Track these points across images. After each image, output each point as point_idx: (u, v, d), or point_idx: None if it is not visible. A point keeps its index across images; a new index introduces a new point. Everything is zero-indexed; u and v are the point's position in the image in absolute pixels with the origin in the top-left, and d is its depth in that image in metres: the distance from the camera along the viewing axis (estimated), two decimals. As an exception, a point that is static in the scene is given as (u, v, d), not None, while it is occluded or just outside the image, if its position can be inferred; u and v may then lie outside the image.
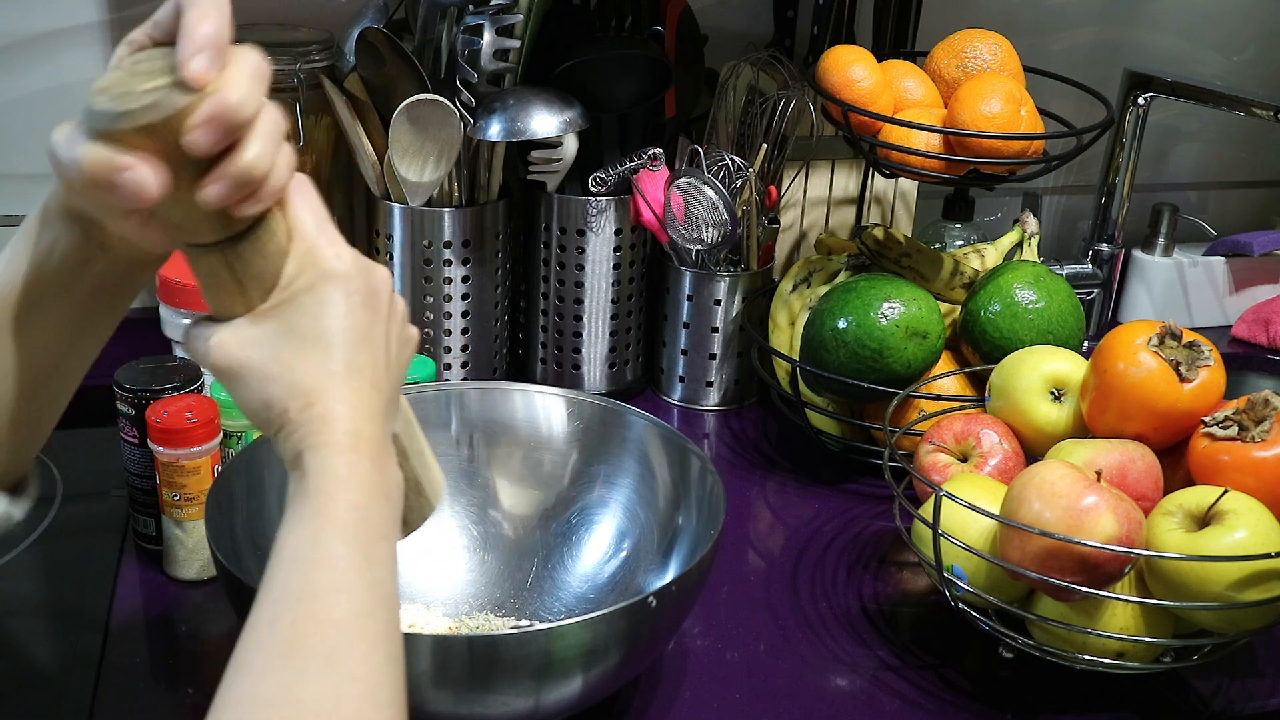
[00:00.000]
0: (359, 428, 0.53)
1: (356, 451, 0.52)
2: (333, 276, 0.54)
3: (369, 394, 0.54)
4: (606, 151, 1.15)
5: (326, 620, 0.48)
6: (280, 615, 0.48)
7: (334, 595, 0.48)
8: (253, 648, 0.47)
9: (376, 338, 0.55)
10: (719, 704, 0.82)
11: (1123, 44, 1.43)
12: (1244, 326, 1.42)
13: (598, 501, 0.91)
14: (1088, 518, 0.76)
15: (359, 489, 0.51)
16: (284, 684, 0.46)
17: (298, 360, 0.53)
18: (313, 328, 0.53)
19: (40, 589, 0.91)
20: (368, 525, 0.51)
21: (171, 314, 0.96)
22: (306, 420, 0.52)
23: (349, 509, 0.51)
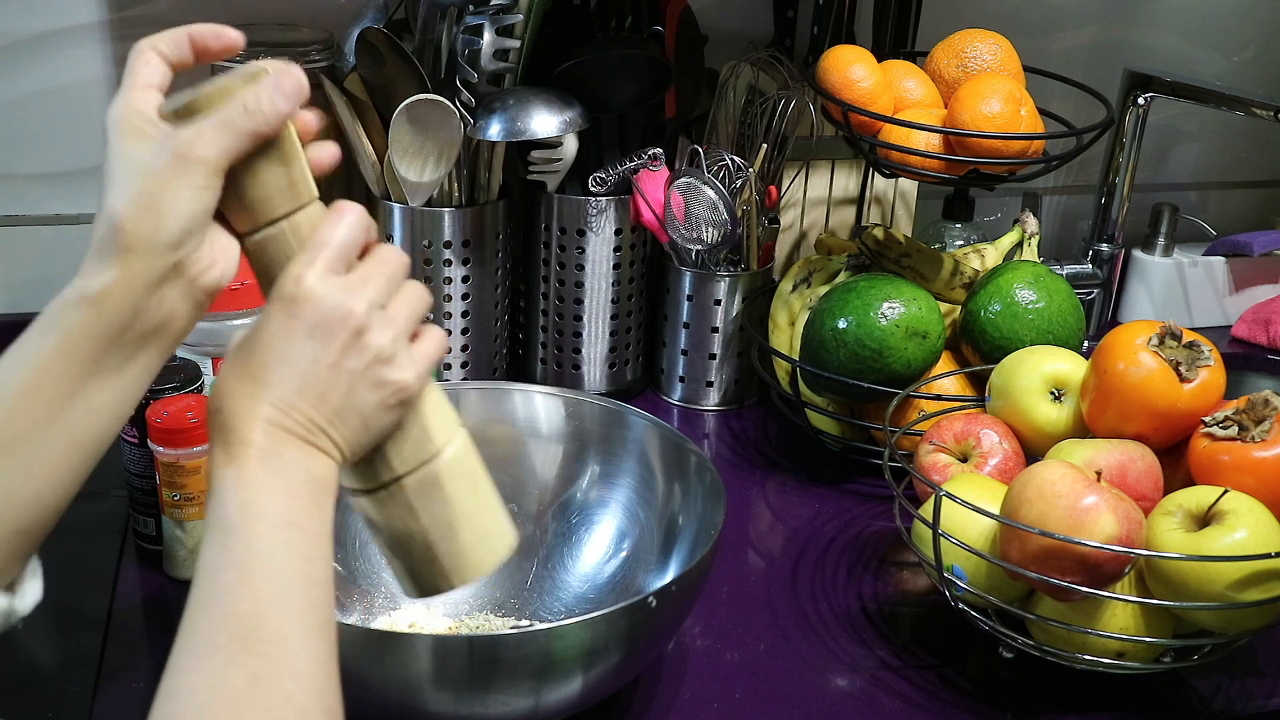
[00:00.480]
0: (255, 439, 0.54)
1: (247, 461, 0.53)
2: (280, 296, 0.55)
3: (276, 415, 0.54)
4: (606, 151, 1.15)
5: (236, 611, 0.51)
6: (197, 618, 0.51)
7: (240, 588, 0.51)
8: (181, 649, 0.51)
9: (312, 365, 0.55)
10: (719, 704, 0.82)
11: (1123, 44, 1.43)
12: (1244, 326, 1.42)
13: (598, 501, 0.91)
14: (1088, 518, 0.76)
15: (250, 489, 0.53)
16: (207, 671, 0.50)
17: (227, 367, 0.56)
18: (249, 339, 0.55)
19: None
20: (261, 518, 0.53)
21: (171, 314, 0.96)
22: (216, 424, 0.54)
23: (237, 508, 0.53)
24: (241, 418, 0.54)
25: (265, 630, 0.50)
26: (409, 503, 0.59)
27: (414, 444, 0.59)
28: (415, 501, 0.59)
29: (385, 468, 0.59)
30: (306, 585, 0.53)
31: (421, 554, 0.60)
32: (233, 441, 0.53)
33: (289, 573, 0.52)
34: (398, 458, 0.59)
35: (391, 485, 0.59)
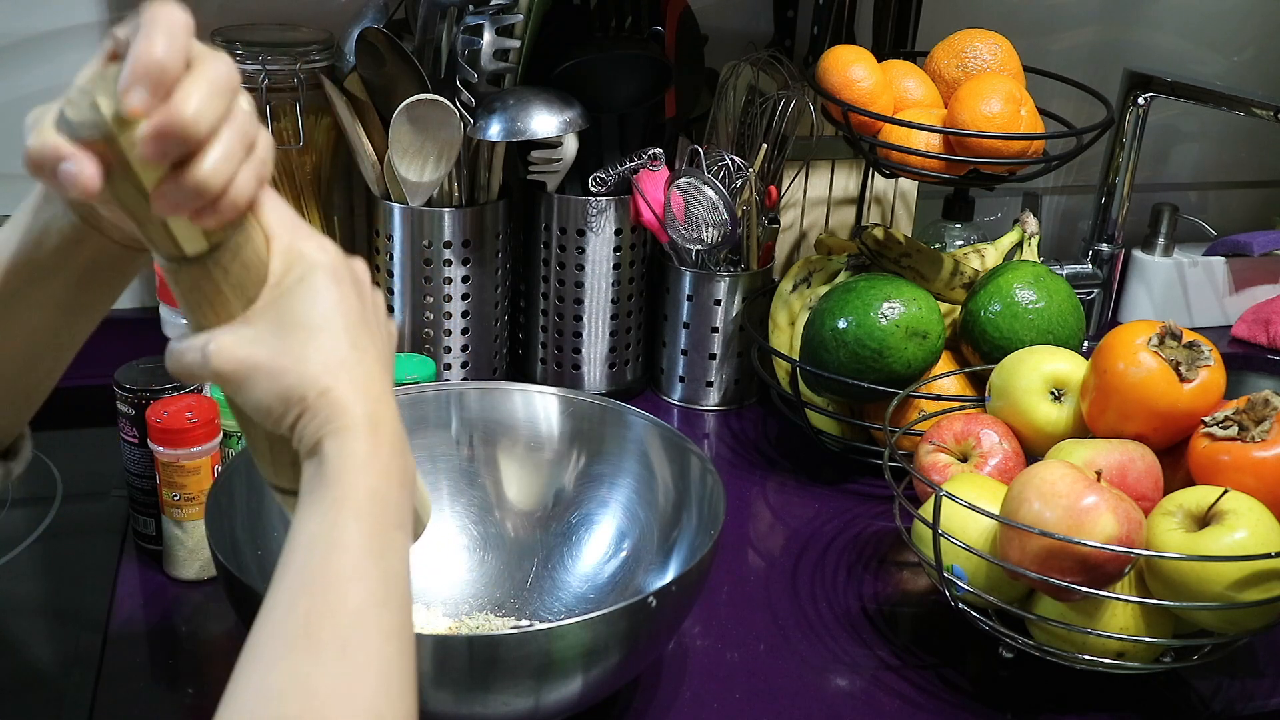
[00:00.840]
0: (375, 411, 0.53)
1: (375, 436, 0.52)
2: (321, 266, 0.54)
3: (379, 375, 0.55)
4: (606, 151, 1.15)
5: (341, 609, 0.48)
6: (295, 603, 0.48)
7: (350, 584, 0.48)
8: (266, 635, 0.47)
9: (370, 322, 0.56)
10: (719, 704, 0.82)
11: (1123, 44, 1.43)
12: (1244, 326, 1.42)
13: (598, 501, 0.91)
14: (1088, 518, 0.76)
15: (378, 474, 0.52)
16: (297, 673, 0.46)
17: (305, 349, 0.53)
18: (312, 317, 0.53)
19: (40, 589, 0.91)
20: (385, 513, 0.51)
21: (172, 314, 0.96)
22: (324, 406, 0.52)
23: (368, 496, 0.51)
24: (359, 385, 0.53)
25: (371, 631, 0.48)
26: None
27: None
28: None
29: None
30: (407, 590, 0.52)
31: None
32: (356, 415, 0.52)
33: (399, 577, 0.51)
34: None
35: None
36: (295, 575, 0.49)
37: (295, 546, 0.50)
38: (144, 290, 1.20)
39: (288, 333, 0.53)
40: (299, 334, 0.53)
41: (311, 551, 0.49)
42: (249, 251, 0.53)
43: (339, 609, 0.48)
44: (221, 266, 0.53)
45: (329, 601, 0.48)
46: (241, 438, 0.90)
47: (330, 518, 0.50)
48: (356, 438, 0.52)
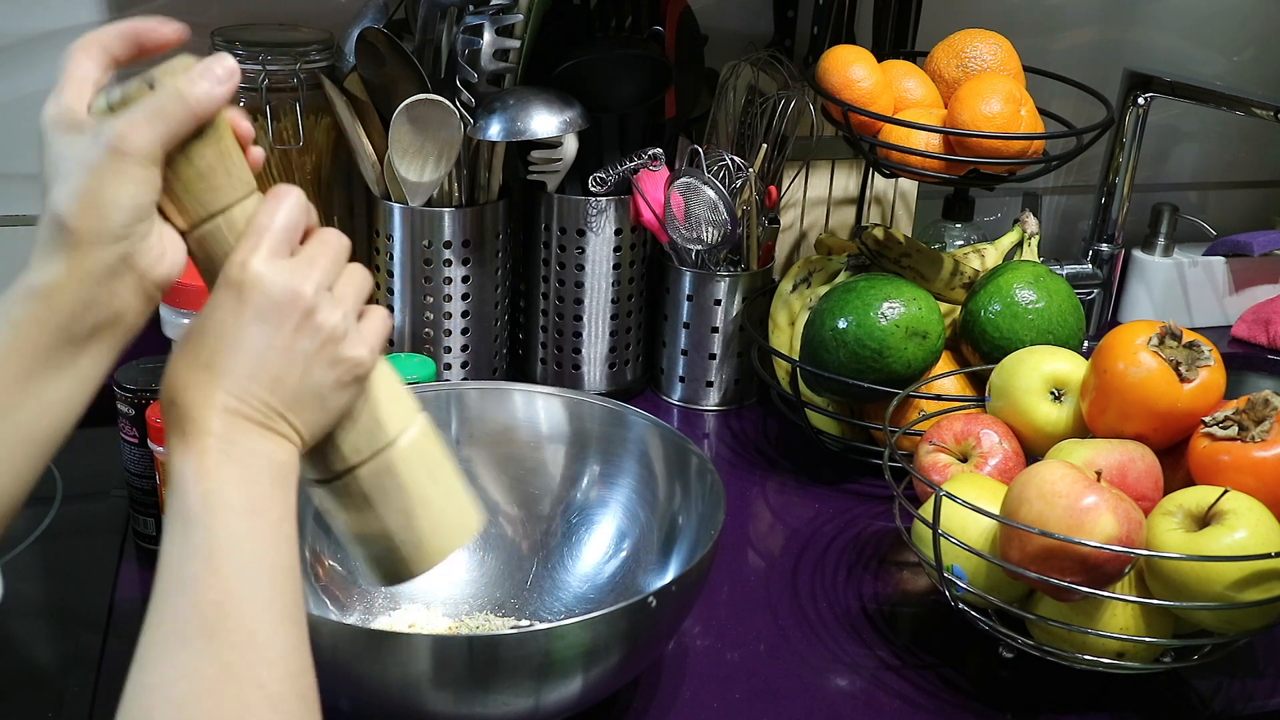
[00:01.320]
0: (213, 427, 0.54)
1: (203, 450, 0.53)
2: (226, 282, 0.55)
3: (231, 402, 0.54)
4: (606, 151, 1.15)
5: (202, 602, 0.51)
6: (163, 611, 0.52)
7: (206, 580, 0.52)
8: (144, 644, 0.51)
9: (265, 349, 0.55)
10: (719, 704, 0.82)
11: (1123, 44, 1.43)
12: (1244, 326, 1.42)
13: (598, 501, 0.91)
14: (1088, 518, 0.76)
15: (208, 478, 0.53)
16: (176, 665, 0.50)
17: (178, 357, 0.55)
18: (197, 328, 0.55)
19: (40, 589, 0.91)
20: (221, 508, 0.53)
21: (171, 314, 0.96)
22: (169, 417, 0.54)
23: (198, 497, 0.53)
24: (198, 406, 0.54)
25: (234, 619, 0.50)
26: (364, 492, 0.59)
27: (366, 433, 0.59)
28: (370, 491, 0.59)
29: (338, 458, 0.59)
30: (273, 572, 0.53)
31: (380, 543, 0.60)
32: (189, 431, 0.53)
33: (254, 561, 0.52)
34: (350, 447, 0.59)
35: (345, 475, 0.59)
36: (159, 592, 0.53)
37: (157, 567, 0.54)
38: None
39: (186, 337, 0.56)
40: (185, 341, 0.56)
41: (166, 562, 0.54)
42: (218, 247, 0.57)
43: (200, 604, 0.52)
44: (214, 237, 0.57)
45: (189, 600, 0.52)
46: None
47: (171, 528, 0.54)
48: (184, 454, 0.54)
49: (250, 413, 0.54)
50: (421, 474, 0.61)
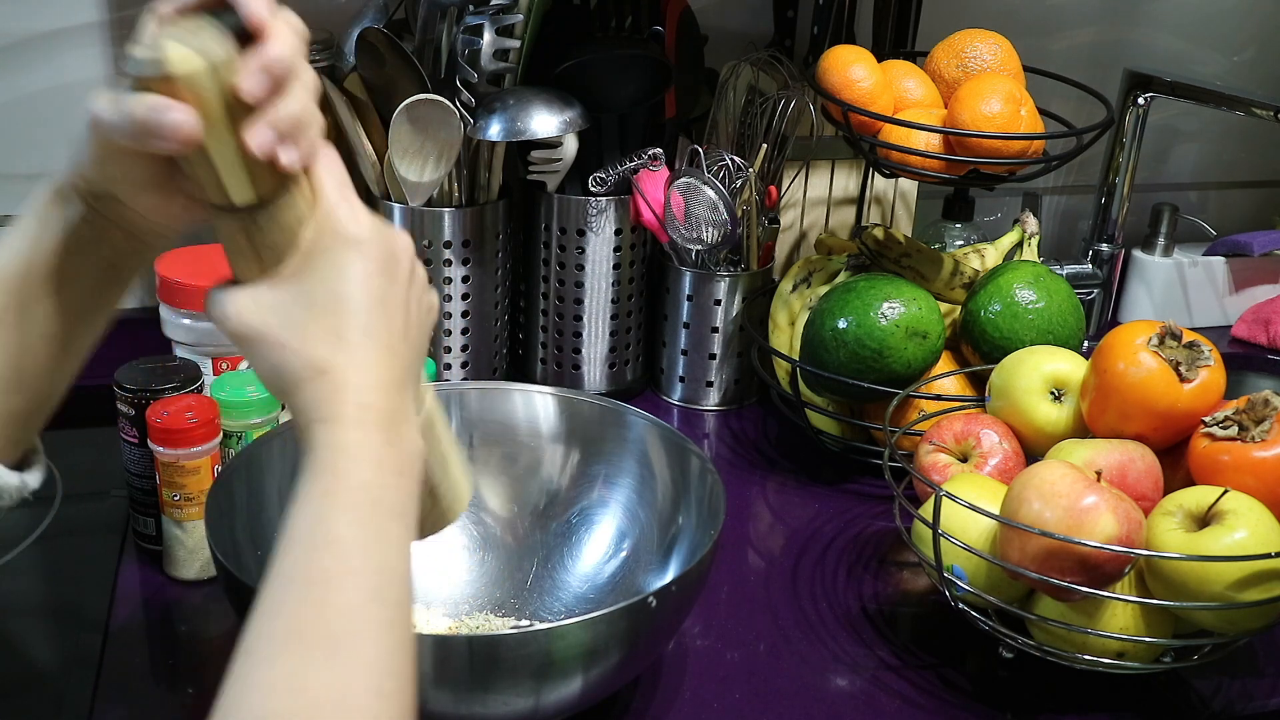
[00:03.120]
0: (370, 399, 0.52)
1: (365, 425, 0.51)
2: (349, 241, 0.53)
3: (385, 361, 0.53)
4: (606, 151, 1.15)
5: (332, 606, 0.47)
6: (285, 600, 0.47)
7: (340, 580, 0.48)
8: (258, 633, 0.47)
9: (394, 303, 0.54)
10: (719, 704, 0.82)
11: (1123, 44, 1.43)
12: (1244, 326, 1.42)
13: (598, 501, 0.91)
14: (1088, 518, 0.76)
15: (369, 466, 0.51)
16: (289, 672, 0.46)
17: (311, 327, 0.52)
18: (328, 293, 0.53)
19: (40, 589, 0.91)
20: (377, 504, 0.50)
21: (171, 314, 0.96)
22: (317, 390, 0.52)
23: (358, 488, 0.50)
24: (359, 371, 0.52)
25: (362, 628, 0.47)
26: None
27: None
28: (424, 440, 0.60)
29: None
30: (404, 582, 0.51)
31: (424, 493, 0.61)
32: (348, 403, 0.51)
33: (394, 571, 0.50)
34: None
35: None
36: (286, 572, 0.48)
37: (287, 542, 0.49)
38: (144, 290, 1.20)
39: (301, 305, 0.53)
40: (310, 309, 0.53)
41: (301, 547, 0.49)
42: (288, 215, 0.54)
43: (329, 607, 0.47)
44: (258, 225, 0.53)
45: (319, 599, 0.47)
46: (241, 438, 0.90)
47: (319, 512, 0.49)
48: (346, 427, 0.51)
49: (400, 374, 0.53)
50: (444, 428, 0.63)
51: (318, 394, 0.52)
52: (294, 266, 0.54)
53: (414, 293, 0.57)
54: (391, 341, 0.54)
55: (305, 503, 0.50)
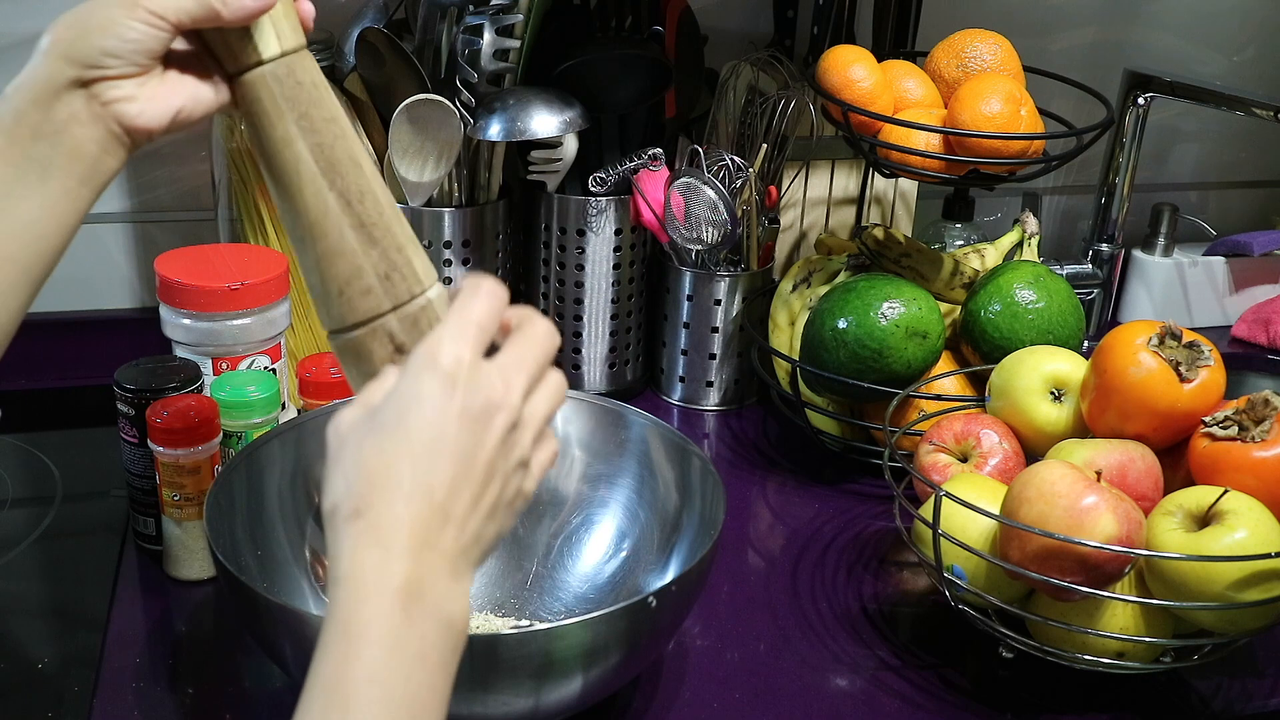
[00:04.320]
0: (400, 568, 0.46)
1: (384, 593, 0.46)
2: (435, 367, 0.48)
3: (432, 522, 0.47)
4: (606, 151, 1.15)
5: None
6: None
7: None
8: None
9: (469, 460, 0.48)
10: (719, 704, 0.82)
11: (1123, 44, 1.43)
12: (1244, 326, 1.42)
13: (598, 501, 0.91)
14: (1088, 518, 0.76)
15: (381, 647, 0.46)
16: None
17: (368, 454, 0.48)
18: (396, 420, 0.48)
19: (40, 589, 0.91)
20: (388, 700, 0.46)
21: (171, 314, 0.96)
22: (350, 532, 0.47)
23: (365, 681, 0.46)
24: (395, 522, 0.47)
25: None
26: (436, 315, 0.62)
27: (424, 260, 0.62)
28: (440, 312, 0.62)
29: (414, 280, 0.61)
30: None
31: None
32: (370, 567, 0.46)
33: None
34: (423, 268, 0.62)
35: (420, 297, 0.61)
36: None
37: (307, 694, 0.46)
38: (144, 290, 1.20)
39: (369, 428, 0.49)
40: (374, 434, 0.48)
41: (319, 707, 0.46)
42: (389, 333, 0.59)
43: None
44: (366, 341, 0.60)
45: None
46: (241, 438, 0.90)
47: (334, 679, 0.46)
48: (366, 595, 0.46)
49: (448, 542, 0.48)
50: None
51: (350, 537, 0.47)
52: (388, 384, 0.50)
53: (503, 463, 0.50)
54: (449, 503, 0.48)
55: (322, 661, 0.46)
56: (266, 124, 0.60)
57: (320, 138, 0.61)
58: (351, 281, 0.61)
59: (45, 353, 1.16)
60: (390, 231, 0.62)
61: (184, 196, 1.18)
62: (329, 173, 0.60)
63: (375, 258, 0.61)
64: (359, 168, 0.62)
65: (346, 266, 0.61)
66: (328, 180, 0.60)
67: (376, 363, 0.60)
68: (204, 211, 1.14)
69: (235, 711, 0.79)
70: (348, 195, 0.61)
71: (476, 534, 0.49)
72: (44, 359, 1.17)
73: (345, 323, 0.61)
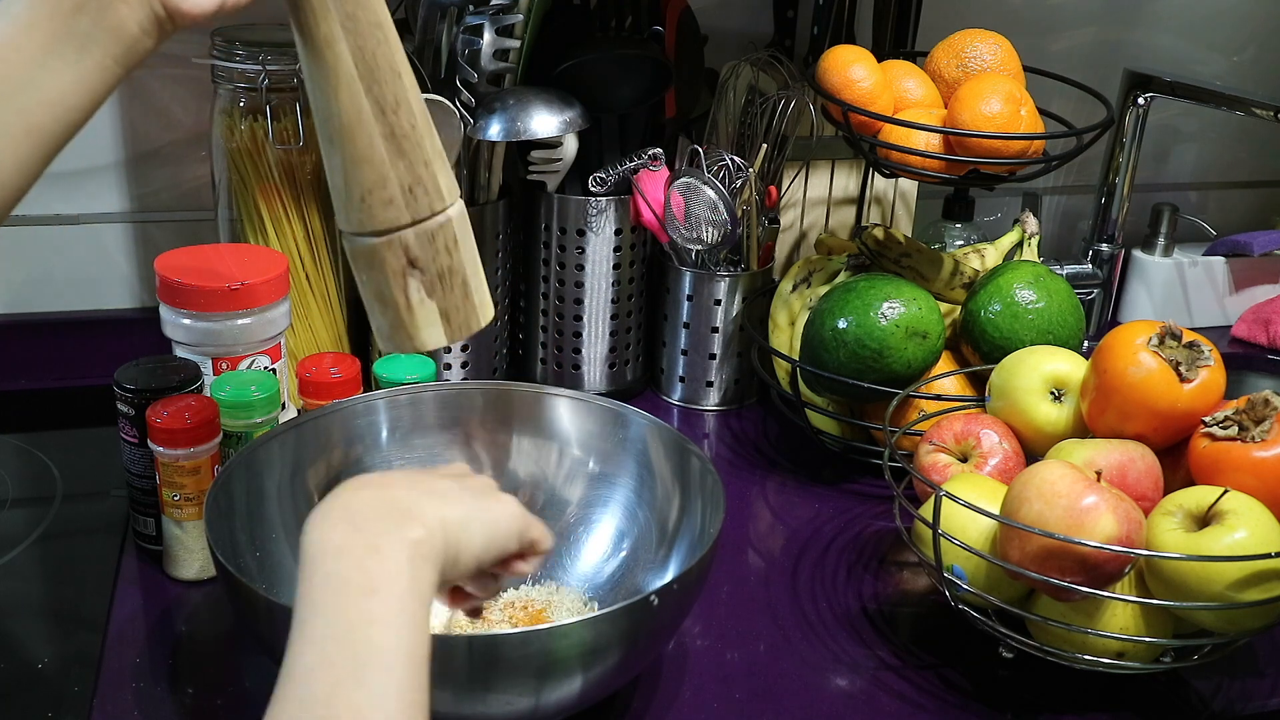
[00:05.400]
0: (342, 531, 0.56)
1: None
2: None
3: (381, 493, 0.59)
4: (606, 151, 1.15)
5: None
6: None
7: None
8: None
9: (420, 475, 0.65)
10: (719, 704, 0.82)
11: (1123, 44, 1.43)
12: (1244, 326, 1.42)
13: (598, 501, 0.91)
14: (1088, 518, 0.76)
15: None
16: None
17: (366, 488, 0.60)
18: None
19: (40, 589, 0.91)
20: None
21: (171, 314, 0.96)
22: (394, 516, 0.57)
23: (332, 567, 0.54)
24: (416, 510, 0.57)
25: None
26: (454, 234, 0.63)
27: (449, 177, 0.63)
28: (459, 232, 0.63)
29: (437, 196, 0.62)
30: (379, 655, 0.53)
31: (459, 288, 0.65)
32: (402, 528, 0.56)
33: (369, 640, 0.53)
34: (447, 186, 0.63)
35: (440, 215, 0.62)
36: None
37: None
38: (144, 290, 1.20)
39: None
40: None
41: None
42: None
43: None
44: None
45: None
46: (241, 438, 0.90)
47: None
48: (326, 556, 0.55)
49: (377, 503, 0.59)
50: (472, 234, 0.66)
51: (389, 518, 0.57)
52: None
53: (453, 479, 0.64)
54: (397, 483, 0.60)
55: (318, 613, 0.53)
56: (311, 20, 0.60)
57: (363, 40, 0.60)
58: (374, 190, 0.62)
59: (45, 353, 1.17)
60: (420, 145, 0.63)
61: (184, 196, 1.18)
62: (367, 78, 0.61)
63: (402, 169, 0.61)
64: (398, 76, 0.62)
65: (372, 174, 0.62)
66: (365, 85, 0.60)
67: (388, 272, 0.63)
68: (204, 211, 1.14)
69: (235, 711, 0.79)
70: (383, 103, 0.61)
71: (428, 489, 0.60)
72: (44, 359, 1.17)
73: (363, 229, 0.62)
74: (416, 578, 0.55)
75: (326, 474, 0.88)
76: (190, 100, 1.15)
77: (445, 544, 0.58)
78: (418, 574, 0.55)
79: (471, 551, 0.60)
